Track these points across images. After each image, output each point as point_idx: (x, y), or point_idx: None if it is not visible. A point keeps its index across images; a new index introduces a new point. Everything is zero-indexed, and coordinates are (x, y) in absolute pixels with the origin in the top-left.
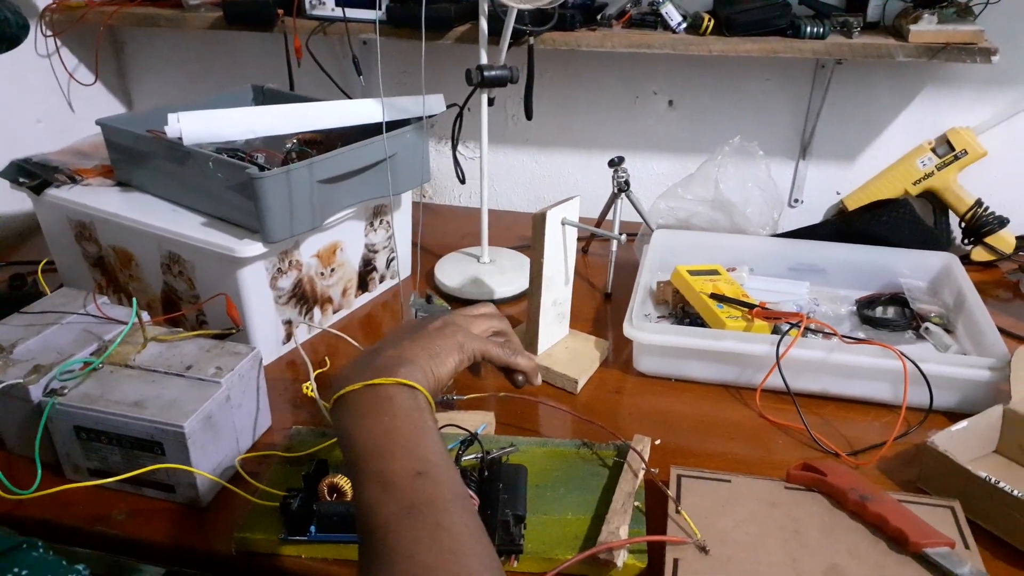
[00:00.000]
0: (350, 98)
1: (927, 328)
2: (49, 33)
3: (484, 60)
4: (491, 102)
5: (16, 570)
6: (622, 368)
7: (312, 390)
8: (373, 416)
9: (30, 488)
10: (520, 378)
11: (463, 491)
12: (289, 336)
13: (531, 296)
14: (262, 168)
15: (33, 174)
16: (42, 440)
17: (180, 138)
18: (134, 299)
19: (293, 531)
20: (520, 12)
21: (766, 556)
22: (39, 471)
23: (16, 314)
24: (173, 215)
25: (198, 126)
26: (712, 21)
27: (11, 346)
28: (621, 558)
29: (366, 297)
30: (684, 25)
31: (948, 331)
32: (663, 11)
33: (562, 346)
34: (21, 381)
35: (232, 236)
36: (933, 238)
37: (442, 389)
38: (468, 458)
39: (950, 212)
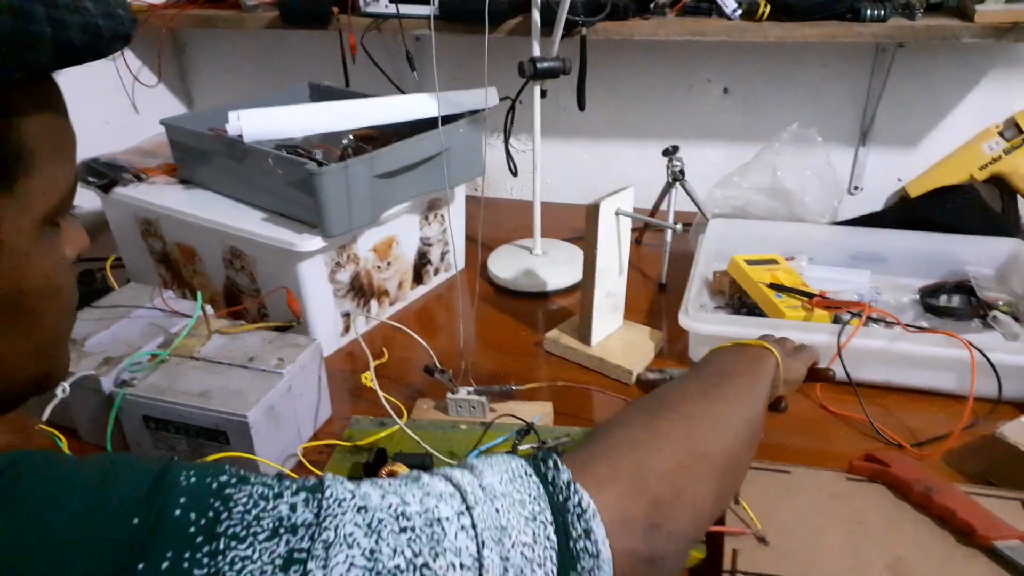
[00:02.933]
0: (404, 93)
1: (995, 316)
2: None
3: (536, 52)
4: (543, 94)
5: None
6: (678, 359)
7: (371, 380)
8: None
9: None
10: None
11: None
12: (347, 328)
13: (584, 287)
14: (320, 164)
15: (101, 173)
16: (113, 430)
17: (240, 136)
18: (199, 293)
19: None
20: (572, 3)
21: (827, 547)
22: None
23: (87, 308)
24: (235, 211)
25: (257, 123)
26: (768, 6)
27: (83, 339)
28: None
29: (421, 290)
30: (739, 11)
31: (1017, 319)
32: None
33: (616, 337)
34: (93, 372)
35: (292, 231)
36: (1000, 224)
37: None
38: (524, 447)
39: (1019, 197)
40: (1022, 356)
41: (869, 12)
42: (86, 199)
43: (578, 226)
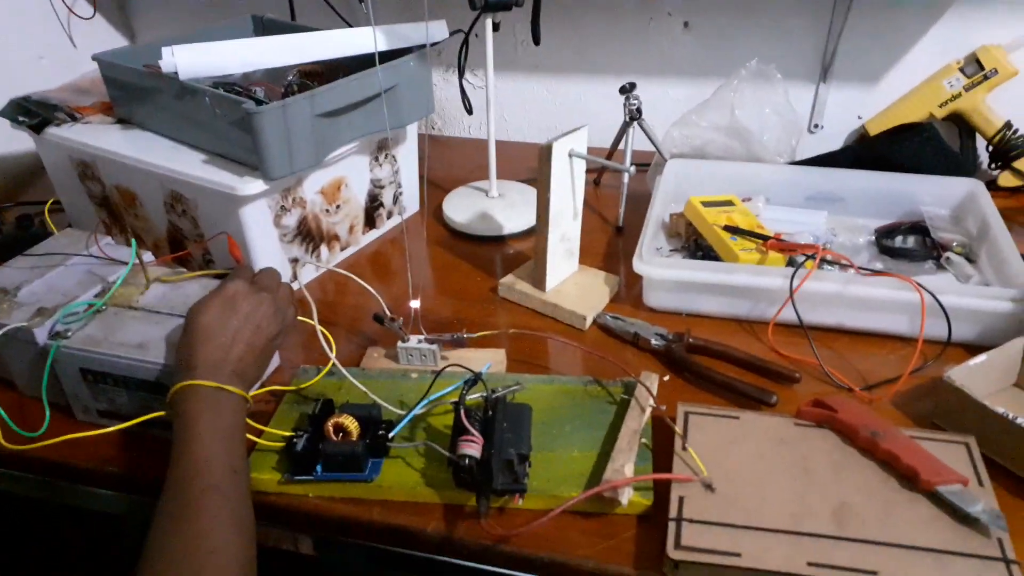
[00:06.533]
0: (351, 27)
1: (948, 258)
2: None
3: None
4: (496, 27)
5: None
6: (633, 303)
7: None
8: None
9: (39, 430)
10: None
11: None
12: (295, 275)
13: (538, 232)
14: (259, 102)
15: (32, 112)
16: (50, 383)
17: (175, 73)
18: (132, 240)
19: (298, 471)
20: None
21: (773, 494)
22: (47, 413)
23: (20, 256)
24: (174, 153)
25: (194, 60)
26: None
27: (16, 289)
28: (626, 496)
29: (374, 234)
30: None
31: (971, 261)
32: None
33: (571, 282)
34: (26, 324)
35: (233, 174)
36: (958, 164)
37: None
38: (472, 397)
39: (977, 136)
40: (972, 298)
41: None
42: (19, 140)
43: (536, 166)
